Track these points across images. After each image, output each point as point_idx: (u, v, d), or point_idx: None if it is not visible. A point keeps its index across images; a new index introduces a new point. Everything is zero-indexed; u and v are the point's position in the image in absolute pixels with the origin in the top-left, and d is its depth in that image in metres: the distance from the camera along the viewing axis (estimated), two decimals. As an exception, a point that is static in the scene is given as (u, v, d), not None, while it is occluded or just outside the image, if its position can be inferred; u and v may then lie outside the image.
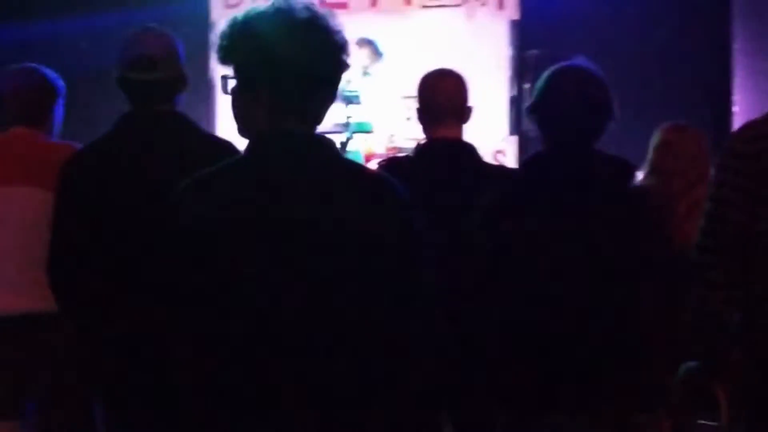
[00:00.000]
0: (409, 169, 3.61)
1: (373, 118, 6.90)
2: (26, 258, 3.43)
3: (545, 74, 2.88)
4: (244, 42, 2.06)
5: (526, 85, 8.22)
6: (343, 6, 8.44)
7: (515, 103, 8.12)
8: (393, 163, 3.90)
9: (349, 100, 6.45)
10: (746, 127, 3.02)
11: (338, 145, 6.08)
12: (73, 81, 3.97)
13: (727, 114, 7.45)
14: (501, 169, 4.43)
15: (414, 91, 3.70)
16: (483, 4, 8.45)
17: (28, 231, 3.43)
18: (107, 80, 3.13)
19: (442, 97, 3.56)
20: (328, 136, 2.17)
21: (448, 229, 3.09)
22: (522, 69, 8.21)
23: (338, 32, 2.12)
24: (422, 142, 3.68)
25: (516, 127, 8.21)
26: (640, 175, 4.31)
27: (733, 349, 2.95)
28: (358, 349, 2.00)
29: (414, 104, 3.70)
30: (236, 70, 2.11)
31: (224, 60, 2.11)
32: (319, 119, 2.15)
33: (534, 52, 8.03)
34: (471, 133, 4.72)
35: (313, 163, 2.05)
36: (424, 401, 2.07)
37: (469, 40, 8.36)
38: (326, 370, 1.96)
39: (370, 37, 7.30)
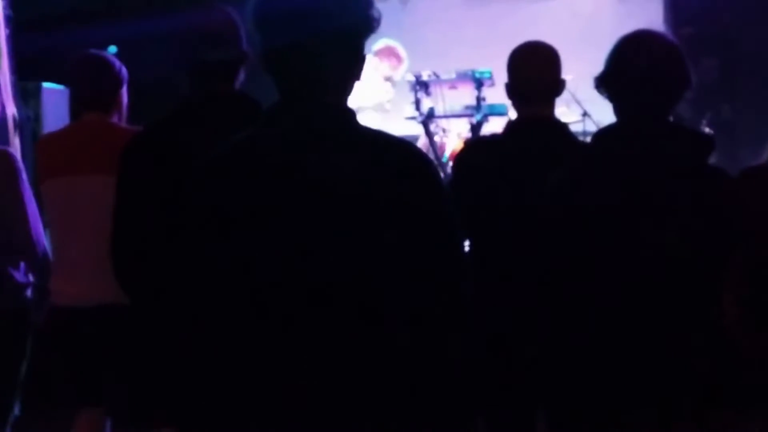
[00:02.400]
0: (498, 148, 3.53)
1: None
2: (103, 248, 3.39)
3: (614, 44, 2.74)
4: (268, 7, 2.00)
5: (681, 64, 7.93)
6: (490, -12, 8.39)
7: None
8: (481, 141, 3.80)
9: (480, 81, 6.29)
10: None
11: (469, 127, 6.11)
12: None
13: None
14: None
15: (564, 73, 3.54)
16: (636, -18, 8.24)
17: (104, 221, 3.39)
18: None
19: (532, 73, 3.43)
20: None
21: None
22: (676, 48, 7.94)
23: None
24: (513, 120, 3.59)
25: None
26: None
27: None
28: (381, 319, 1.95)
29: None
30: (260, 33, 2.02)
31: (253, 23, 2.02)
32: (341, 87, 2.04)
33: (688, 29, 7.76)
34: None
35: (331, 135, 1.98)
36: (452, 379, 2.01)
37: (622, 19, 8.13)
38: (349, 339, 1.94)
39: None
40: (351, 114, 2.02)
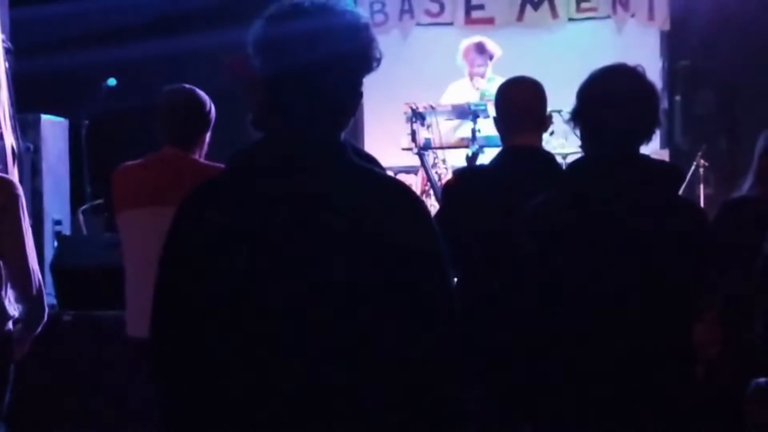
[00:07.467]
0: (485, 176, 3.58)
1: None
2: None
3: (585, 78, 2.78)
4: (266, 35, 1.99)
5: (677, 98, 7.99)
6: (490, 21, 8.46)
7: (666, 115, 7.85)
8: (468, 170, 3.84)
9: (476, 114, 6.32)
10: None
11: (465, 159, 6.14)
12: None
13: None
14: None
15: (559, 104, 3.57)
16: (632, 15, 8.28)
17: None
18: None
19: (519, 104, 3.50)
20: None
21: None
22: (673, 81, 8.01)
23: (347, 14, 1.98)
24: (500, 150, 3.63)
25: (667, 141, 7.96)
26: (747, 184, 4.09)
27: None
28: (366, 357, 1.94)
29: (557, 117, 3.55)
30: (260, 57, 2.00)
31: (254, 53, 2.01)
32: (335, 120, 2.01)
33: (685, 63, 7.81)
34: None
35: (320, 171, 1.97)
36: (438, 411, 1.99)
37: (618, 52, 8.16)
38: (332, 379, 1.92)
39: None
40: (343, 149, 2.00)
